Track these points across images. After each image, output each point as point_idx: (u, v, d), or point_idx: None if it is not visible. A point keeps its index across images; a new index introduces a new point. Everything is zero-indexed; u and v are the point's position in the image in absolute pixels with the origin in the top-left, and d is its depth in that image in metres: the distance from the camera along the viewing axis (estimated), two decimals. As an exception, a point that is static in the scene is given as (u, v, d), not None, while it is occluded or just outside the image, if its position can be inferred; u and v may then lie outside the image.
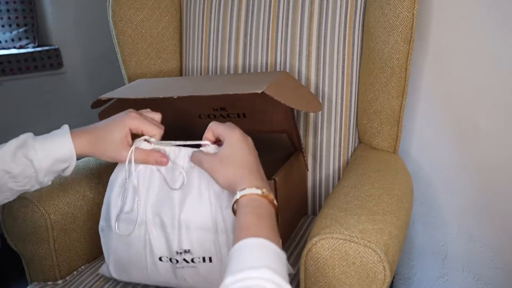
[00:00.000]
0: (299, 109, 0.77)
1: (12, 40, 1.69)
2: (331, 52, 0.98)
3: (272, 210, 0.57)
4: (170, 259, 0.71)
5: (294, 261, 0.85)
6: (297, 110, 0.90)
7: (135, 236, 0.72)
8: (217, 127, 0.65)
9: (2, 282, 1.51)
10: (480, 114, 0.98)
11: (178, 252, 0.70)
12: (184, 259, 0.70)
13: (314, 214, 1.05)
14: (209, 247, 0.69)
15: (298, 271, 0.71)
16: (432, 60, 1.02)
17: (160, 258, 0.71)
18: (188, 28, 1.12)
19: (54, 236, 0.85)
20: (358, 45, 0.98)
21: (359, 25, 0.97)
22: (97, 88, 1.54)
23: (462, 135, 1.02)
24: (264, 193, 0.57)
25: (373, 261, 0.61)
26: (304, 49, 0.99)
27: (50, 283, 0.88)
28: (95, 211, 0.90)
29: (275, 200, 0.58)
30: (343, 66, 0.98)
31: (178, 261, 0.70)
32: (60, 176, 0.69)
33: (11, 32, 1.68)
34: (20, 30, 1.68)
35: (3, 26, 1.67)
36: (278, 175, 0.82)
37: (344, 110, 0.99)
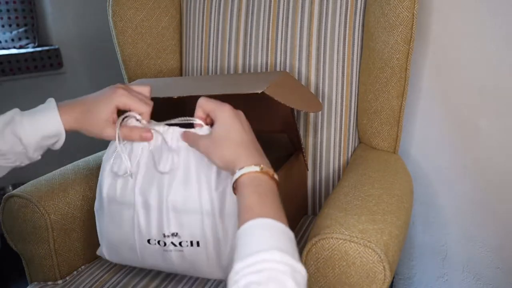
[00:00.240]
0: (299, 109, 0.77)
1: (12, 40, 1.69)
2: (331, 52, 0.98)
3: (274, 186, 0.55)
4: (159, 242, 0.70)
5: (294, 261, 0.84)
6: (297, 110, 0.91)
7: (125, 218, 0.71)
8: (207, 104, 0.63)
9: (2, 282, 1.51)
10: (480, 114, 0.98)
11: (166, 235, 0.69)
12: (172, 242, 0.69)
13: (314, 214, 1.05)
14: (196, 231, 0.68)
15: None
16: (432, 60, 1.02)
17: (149, 241, 0.70)
18: (188, 28, 1.12)
19: (54, 236, 0.85)
20: (358, 45, 0.98)
21: (359, 25, 0.97)
22: (97, 88, 1.54)
23: (462, 135, 1.02)
24: (263, 169, 0.55)
25: (373, 261, 0.61)
26: (304, 49, 0.99)
27: (50, 283, 0.88)
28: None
29: (275, 175, 0.56)
30: (343, 66, 0.98)
31: (166, 243, 0.70)
32: (60, 176, 0.69)
33: (11, 32, 1.68)
34: (20, 30, 1.68)
35: (3, 26, 1.67)
36: (278, 175, 0.81)
37: (344, 110, 0.99)
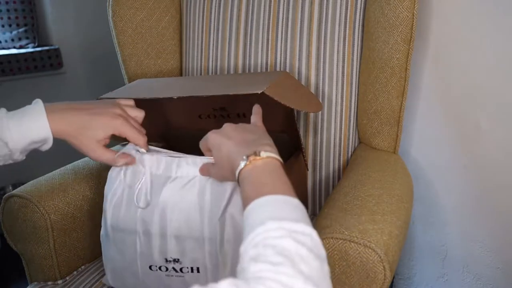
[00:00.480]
0: (299, 109, 0.77)
1: (12, 40, 1.69)
2: (331, 52, 0.98)
3: (270, 164, 0.52)
4: (160, 268, 0.71)
5: (294, 261, 0.84)
6: (297, 110, 0.90)
7: (127, 245, 0.72)
8: (202, 144, 0.63)
9: (2, 282, 1.51)
10: (480, 114, 0.98)
11: (167, 260, 0.70)
12: (173, 267, 0.70)
13: (314, 214, 1.05)
14: (197, 257, 0.69)
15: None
16: (432, 60, 1.02)
17: (150, 267, 0.72)
18: (188, 28, 1.12)
19: (54, 236, 0.85)
20: (358, 45, 0.98)
21: (359, 25, 0.97)
22: (97, 88, 1.54)
23: (462, 135, 1.02)
24: (251, 157, 0.52)
25: (373, 261, 0.61)
26: (304, 49, 0.99)
27: (50, 283, 0.88)
28: (95, 211, 0.90)
29: (272, 154, 0.53)
30: (343, 66, 0.98)
31: (168, 269, 0.71)
32: (60, 176, 0.69)
33: (11, 32, 1.68)
34: (20, 30, 1.68)
35: (3, 26, 1.67)
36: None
37: (344, 110, 0.99)
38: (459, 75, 0.99)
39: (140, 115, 0.72)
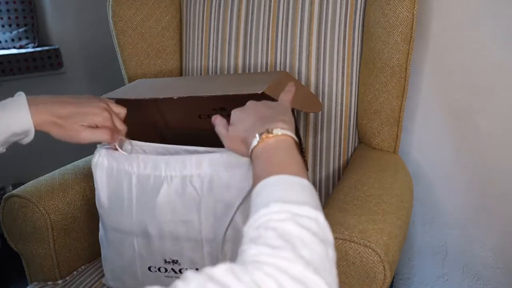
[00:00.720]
0: (300, 109, 0.77)
1: (12, 40, 1.69)
2: (331, 52, 0.98)
3: (284, 142, 0.51)
4: (159, 269, 0.71)
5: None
6: (297, 110, 0.90)
7: (126, 246, 0.72)
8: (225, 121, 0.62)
9: (2, 282, 1.51)
10: (480, 114, 0.98)
11: (166, 261, 0.70)
12: (172, 268, 0.70)
13: (314, 214, 1.05)
14: (196, 258, 0.69)
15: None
16: (432, 60, 1.02)
17: (150, 268, 0.71)
18: (188, 28, 1.12)
19: (54, 236, 0.85)
20: (358, 45, 0.98)
21: (359, 25, 0.97)
22: (97, 88, 1.54)
23: (462, 135, 1.02)
24: (264, 134, 0.52)
25: (373, 261, 0.61)
26: (304, 49, 0.99)
27: (50, 283, 0.88)
28: (95, 211, 0.90)
29: (285, 132, 0.52)
30: (343, 66, 0.98)
31: (167, 270, 0.71)
32: (60, 176, 0.69)
33: (11, 32, 1.68)
34: (20, 30, 1.68)
35: (3, 26, 1.67)
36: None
37: (344, 110, 0.99)
38: (459, 75, 0.99)
39: (123, 112, 0.72)
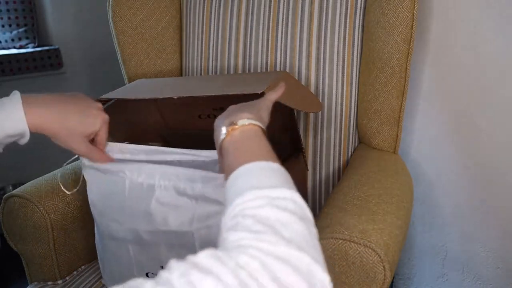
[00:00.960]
0: (299, 109, 0.77)
1: (12, 40, 1.69)
2: (331, 52, 0.98)
3: (251, 131, 0.51)
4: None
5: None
6: (297, 110, 0.90)
7: (122, 252, 0.72)
8: None
9: (2, 282, 1.51)
10: (480, 114, 0.98)
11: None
12: None
13: (314, 214, 1.04)
14: None
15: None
16: (432, 60, 1.02)
17: (147, 274, 0.71)
18: (188, 28, 1.12)
19: (54, 236, 0.85)
20: (358, 45, 0.98)
21: (359, 25, 0.97)
22: (97, 88, 1.54)
23: (462, 135, 1.02)
24: (229, 128, 0.51)
25: (373, 261, 0.61)
26: (304, 49, 0.99)
27: (50, 283, 0.88)
28: (95, 211, 0.90)
29: (249, 121, 0.52)
30: (343, 66, 0.98)
31: None
32: (60, 176, 0.69)
33: (11, 32, 1.68)
34: (20, 30, 1.68)
35: (3, 26, 1.67)
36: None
37: (344, 110, 0.99)
38: (459, 75, 0.99)
39: (106, 117, 0.70)
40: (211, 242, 0.66)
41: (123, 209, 0.70)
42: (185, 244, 0.68)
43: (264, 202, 0.39)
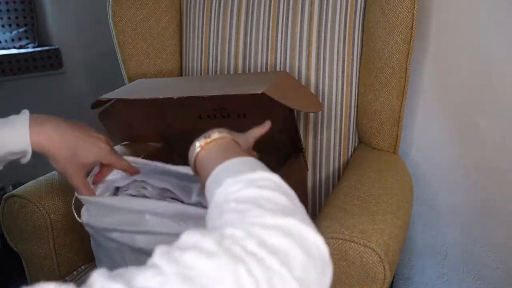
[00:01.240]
0: (299, 109, 0.77)
1: (12, 40, 1.69)
2: (331, 52, 0.98)
3: (224, 142, 0.51)
4: None
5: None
6: (297, 110, 0.91)
7: (118, 258, 0.71)
8: None
9: (2, 282, 1.51)
10: (480, 114, 0.98)
11: None
12: None
13: (314, 214, 1.05)
14: None
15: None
16: (432, 60, 1.02)
17: None
18: (188, 28, 1.12)
19: (54, 236, 0.85)
20: (358, 45, 0.98)
21: (359, 25, 0.97)
22: (97, 88, 1.54)
23: (462, 135, 1.02)
24: (208, 138, 0.51)
25: (373, 261, 0.61)
26: (304, 49, 0.99)
27: (50, 283, 0.88)
28: (95, 211, 0.90)
29: (222, 134, 0.52)
30: (343, 66, 0.98)
31: None
32: (60, 176, 0.69)
33: (11, 32, 1.68)
34: (20, 30, 1.68)
35: (3, 26, 1.67)
36: (278, 175, 0.81)
37: (344, 110, 0.99)
38: (459, 75, 0.99)
39: (111, 150, 0.69)
40: None
41: (119, 226, 0.69)
42: None
43: (243, 185, 0.39)
